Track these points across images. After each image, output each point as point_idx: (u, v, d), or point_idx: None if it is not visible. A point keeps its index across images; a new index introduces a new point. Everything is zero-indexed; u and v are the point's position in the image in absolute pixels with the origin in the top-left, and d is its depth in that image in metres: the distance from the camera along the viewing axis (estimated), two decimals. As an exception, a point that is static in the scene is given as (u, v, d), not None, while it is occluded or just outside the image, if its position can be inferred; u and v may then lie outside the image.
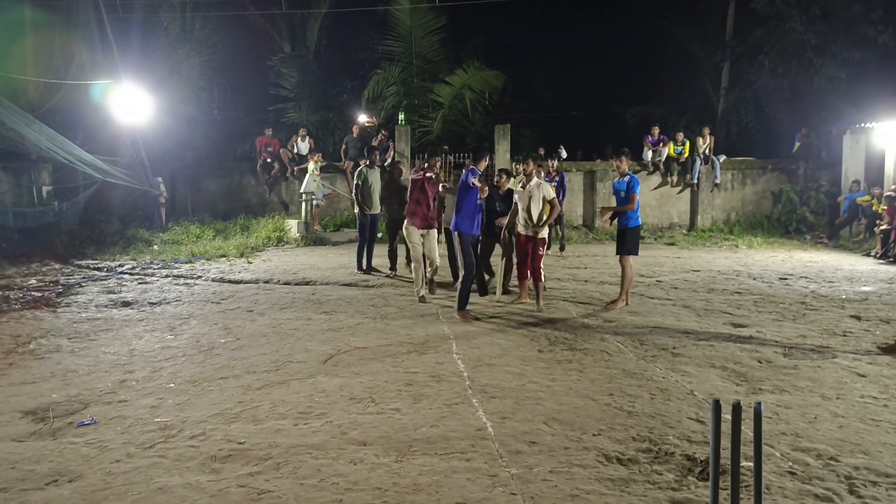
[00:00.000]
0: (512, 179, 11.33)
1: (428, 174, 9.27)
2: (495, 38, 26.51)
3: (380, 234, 13.37)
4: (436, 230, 9.47)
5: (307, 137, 19.61)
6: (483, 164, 8.46)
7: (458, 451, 4.37)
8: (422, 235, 9.32)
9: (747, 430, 3.61)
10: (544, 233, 9.00)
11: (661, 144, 19.20)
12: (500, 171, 10.03)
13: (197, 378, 5.97)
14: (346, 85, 23.85)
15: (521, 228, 9.03)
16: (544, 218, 8.98)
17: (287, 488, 3.86)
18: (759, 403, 2.78)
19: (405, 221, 9.43)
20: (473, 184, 8.17)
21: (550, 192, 9.02)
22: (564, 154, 19.73)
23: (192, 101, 21.18)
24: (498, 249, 10.02)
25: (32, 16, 15.65)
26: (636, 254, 9.12)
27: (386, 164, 19.53)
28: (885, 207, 14.98)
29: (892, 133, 16.91)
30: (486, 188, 8.52)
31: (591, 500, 3.72)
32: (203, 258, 13.78)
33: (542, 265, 9.02)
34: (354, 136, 19.32)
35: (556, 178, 14.18)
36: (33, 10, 15.68)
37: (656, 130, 19.37)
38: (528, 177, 9.16)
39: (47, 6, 16.06)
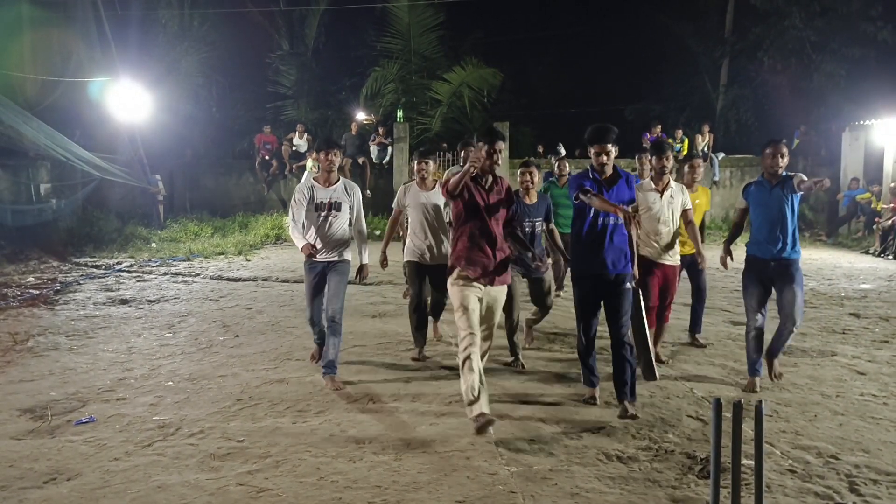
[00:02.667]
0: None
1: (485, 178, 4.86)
2: (494, 35, 26.46)
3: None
4: (506, 287, 5.03)
5: (305, 134, 19.59)
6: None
7: (457, 449, 4.36)
8: (479, 299, 4.78)
9: (747, 429, 3.60)
10: (678, 257, 6.34)
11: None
12: (525, 164, 6.37)
13: (195, 376, 5.96)
14: (344, 82, 23.81)
15: (648, 251, 6.10)
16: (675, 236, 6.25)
17: (286, 486, 3.85)
18: (761, 402, 2.78)
19: (450, 273, 4.84)
20: (582, 198, 4.89)
21: (688, 201, 6.32)
22: (563, 151, 19.71)
23: (191, 98, 21.15)
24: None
25: (30, 13, 15.61)
26: None
27: (384, 161, 19.54)
28: (892, 204, 14.93)
29: (892, 130, 16.90)
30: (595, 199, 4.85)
31: (592, 498, 3.71)
32: (201, 256, 13.77)
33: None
34: (353, 133, 19.31)
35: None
36: (31, 8, 15.63)
37: (658, 129, 19.22)
38: (660, 175, 6.11)
39: (45, 3, 16.02)
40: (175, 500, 3.70)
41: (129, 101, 16.33)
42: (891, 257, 13.95)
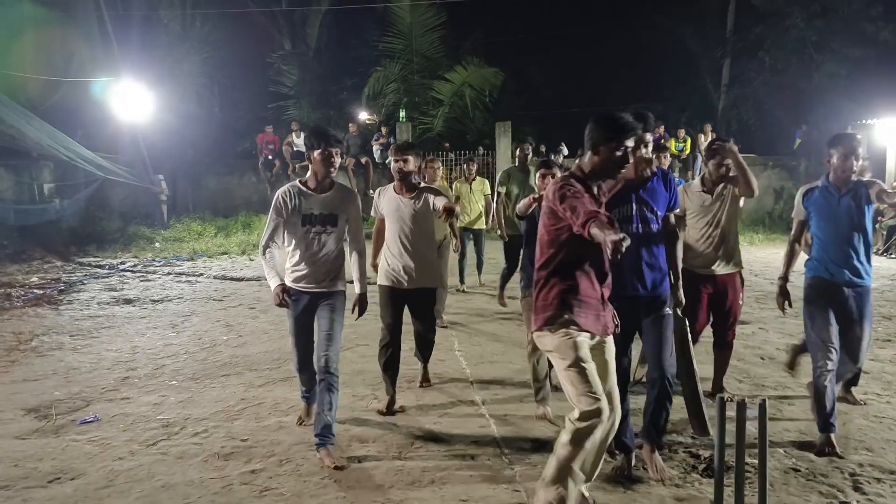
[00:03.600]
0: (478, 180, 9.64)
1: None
2: (495, 35, 26.47)
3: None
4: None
5: (301, 132, 19.54)
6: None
7: (461, 447, 4.37)
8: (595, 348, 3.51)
9: (750, 427, 3.60)
10: (735, 264, 5.19)
11: (663, 141, 19.13)
12: (545, 164, 5.25)
13: (199, 375, 5.98)
14: (346, 82, 23.85)
15: (699, 262, 5.08)
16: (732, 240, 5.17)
17: (290, 485, 3.86)
18: (765, 401, 2.78)
19: (547, 324, 3.43)
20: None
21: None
22: (566, 151, 19.70)
23: (193, 98, 21.17)
24: None
25: (32, 13, 15.63)
26: None
27: (387, 162, 19.50)
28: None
29: (893, 130, 16.90)
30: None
31: (595, 496, 3.71)
32: (205, 255, 13.79)
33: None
34: (354, 133, 19.33)
35: None
36: (33, 7, 15.66)
37: (661, 129, 19.17)
38: (716, 183, 5.07)
39: (47, 3, 16.04)
40: (179, 500, 3.72)
41: (132, 100, 16.35)
42: (893, 256, 13.96)
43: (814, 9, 19.76)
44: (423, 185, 5.29)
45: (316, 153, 4.30)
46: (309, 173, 4.43)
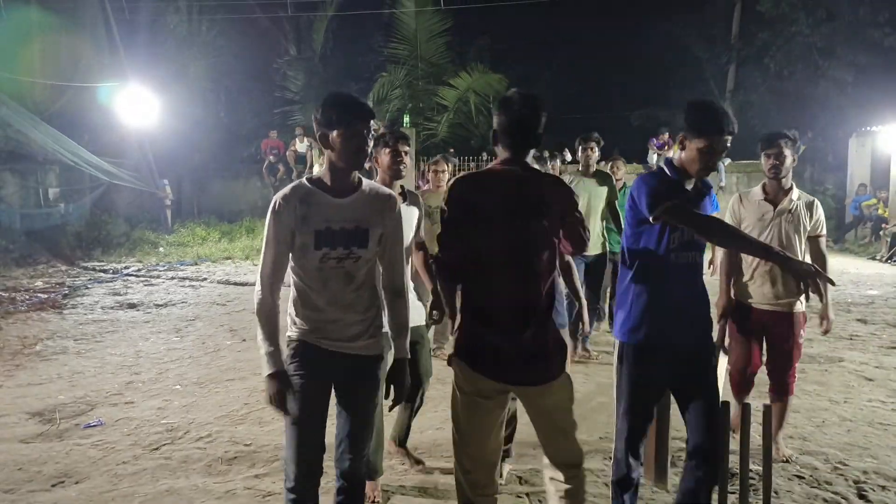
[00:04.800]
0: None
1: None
2: (500, 41, 26.52)
3: None
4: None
5: (304, 137, 19.55)
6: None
7: (464, 453, 4.36)
8: None
9: (755, 434, 3.59)
10: (803, 303, 4.15)
11: (667, 147, 19.11)
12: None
13: (203, 380, 5.98)
14: (351, 87, 23.82)
15: (753, 292, 4.19)
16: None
17: (293, 490, 3.85)
18: (769, 406, 2.77)
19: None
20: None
21: (822, 221, 4.22)
22: (569, 157, 19.68)
23: (199, 103, 21.21)
24: None
25: (39, 18, 15.71)
26: None
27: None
28: None
29: (898, 136, 16.86)
30: None
31: (599, 503, 3.70)
32: (209, 260, 13.82)
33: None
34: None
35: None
36: (40, 13, 15.74)
37: (666, 135, 19.19)
38: (775, 181, 4.16)
39: (54, 8, 16.11)
40: (183, 504, 3.72)
41: (138, 105, 16.39)
42: (898, 263, 13.90)
43: (819, 15, 19.74)
44: (410, 191, 4.06)
45: (335, 133, 2.63)
46: (323, 168, 2.79)
